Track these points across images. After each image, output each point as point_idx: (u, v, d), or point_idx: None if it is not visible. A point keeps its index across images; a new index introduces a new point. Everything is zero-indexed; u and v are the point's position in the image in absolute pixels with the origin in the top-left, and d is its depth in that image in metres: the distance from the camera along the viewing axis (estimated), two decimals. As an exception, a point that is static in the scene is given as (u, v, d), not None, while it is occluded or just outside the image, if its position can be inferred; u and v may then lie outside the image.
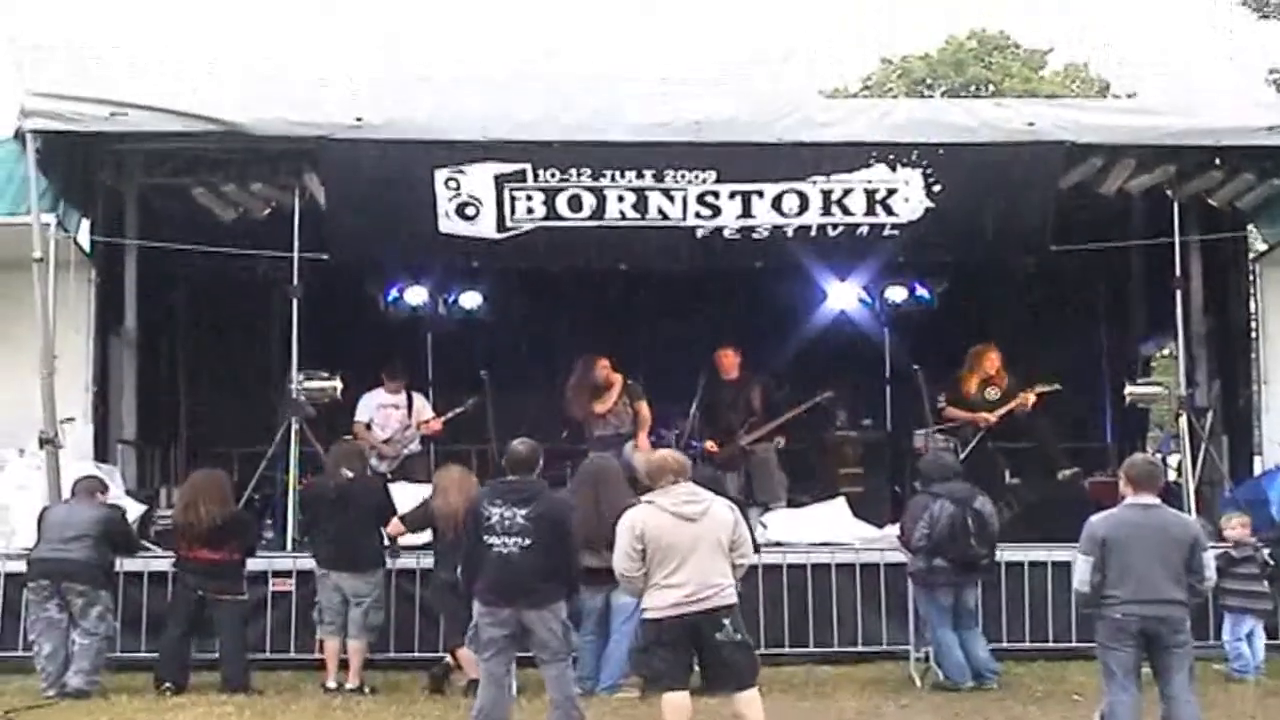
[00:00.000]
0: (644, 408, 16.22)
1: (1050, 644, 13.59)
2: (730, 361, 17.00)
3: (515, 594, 10.09)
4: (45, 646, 12.49)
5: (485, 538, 10.20)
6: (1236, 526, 13.31)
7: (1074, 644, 13.07)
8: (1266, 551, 13.45)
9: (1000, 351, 16.88)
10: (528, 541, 10.11)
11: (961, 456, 15.53)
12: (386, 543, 13.18)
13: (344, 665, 12.77)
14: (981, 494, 12.97)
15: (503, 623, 10.11)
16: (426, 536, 13.02)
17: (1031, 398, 16.43)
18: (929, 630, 12.91)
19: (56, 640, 12.49)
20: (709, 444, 16.59)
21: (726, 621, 9.73)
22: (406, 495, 13.54)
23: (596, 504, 11.95)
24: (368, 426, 16.63)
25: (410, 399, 17.05)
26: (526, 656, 10.60)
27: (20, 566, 12.98)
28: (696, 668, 10.09)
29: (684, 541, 9.74)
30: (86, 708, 11.94)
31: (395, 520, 13.03)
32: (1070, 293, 19.03)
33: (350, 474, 13.17)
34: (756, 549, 11.58)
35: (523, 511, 10.15)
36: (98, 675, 12.52)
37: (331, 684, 12.66)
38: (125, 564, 13.12)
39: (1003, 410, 16.42)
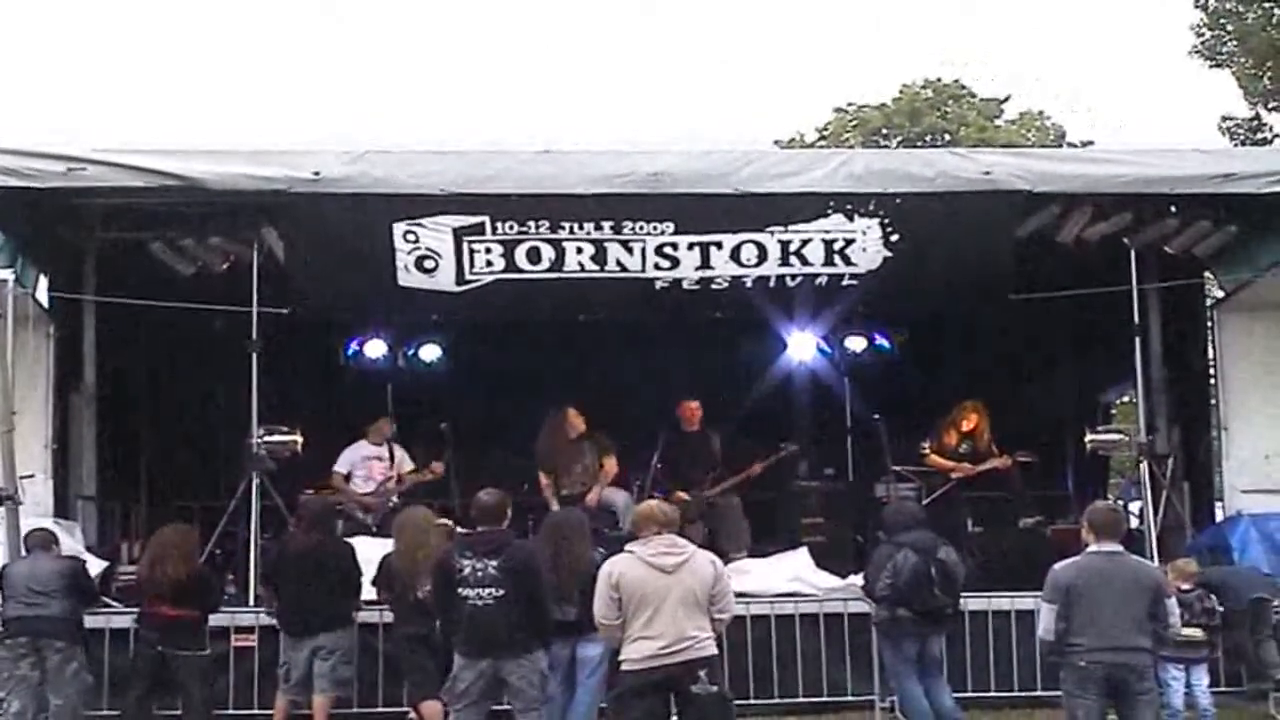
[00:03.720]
0: (611, 463, 16.23)
1: (1015, 692, 13.59)
2: (692, 413, 17.03)
3: (491, 645, 10.09)
4: (14, 704, 12.37)
5: (459, 590, 10.20)
6: (1173, 575, 13.07)
7: (1039, 692, 13.10)
8: (1214, 599, 13.43)
9: (980, 409, 17.12)
10: (500, 592, 10.11)
11: (925, 502, 15.58)
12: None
13: (298, 721, 12.72)
14: (945, 544, 12.95)
15: (480, 674, 10.11)
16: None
17: (1009, 461, 16.55)
18: (893, 680, 12.89)
19: (26, 698, 12.37)
20: (679, 494, 16.58)
21: (703, 674, 9.71)
22: (384, 551, 13.41)
23: (558, 555, 11.91)
24: (346, 479, 16.57)
25: (392, 451, 17.00)
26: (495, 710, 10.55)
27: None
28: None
29: (659, 592, 9.73)
30: (51, 767, 11.83)
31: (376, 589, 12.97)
32: (1030, 341, 19.09)
33: (318, 535, 13.13)
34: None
35: (494, 562, 10.15)
36: None
37: None
38: (86, 621, 13.01)
39: (984, 467, 16.54)
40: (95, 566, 13.95)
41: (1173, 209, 15.14)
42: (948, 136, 45.84)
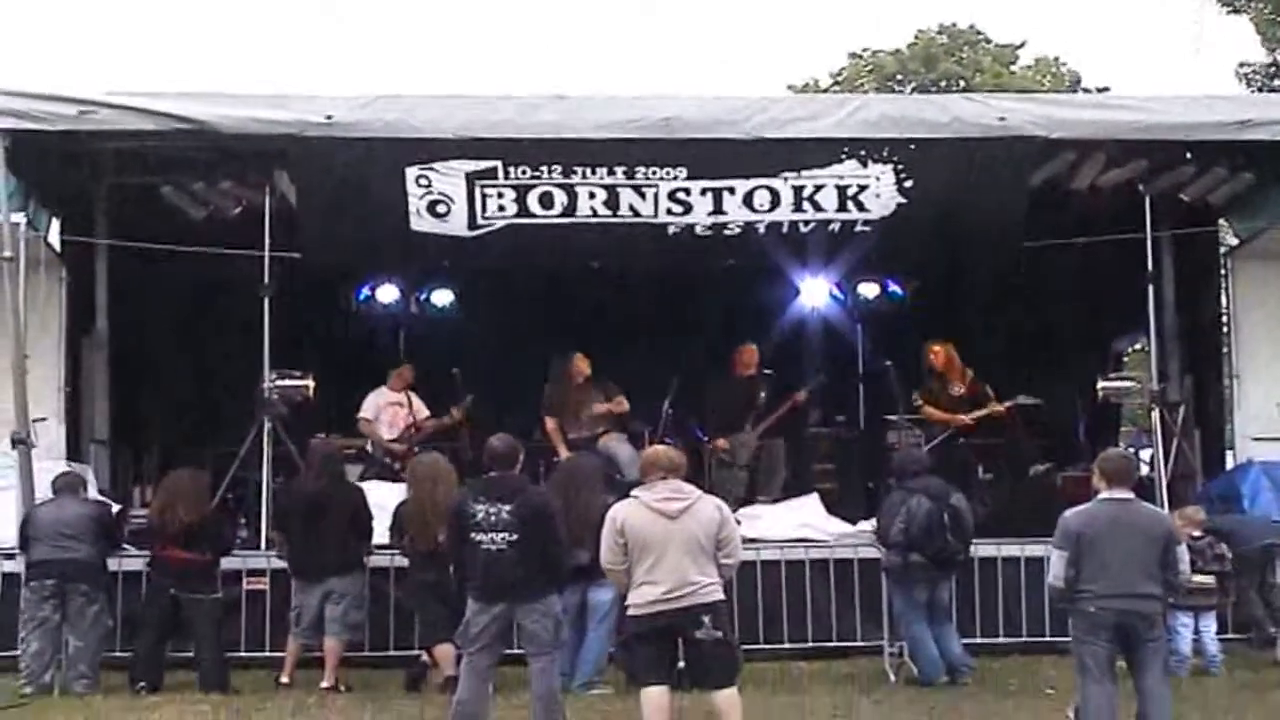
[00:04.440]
0: (621, 407, 16.24)
1: (1024, 639, 13.64)
2: (750, 357, 17.02)
3: (505, 589, 10.05)
4: (33, 645, 12.49)
5: (472, 535, 10.14)
6: (1181, 521, 13.05)
7: (1047, 638, 13.15)
8: (1223, 546, 13.44)
9: (947, 346, 16.99)
10: (514, 537, 10.06)
11: (925, 449, 15.58)
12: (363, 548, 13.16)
13: (307, 664, 12.76)
14: (956, 490, 12.99)
15: (494, 618, 10.07)
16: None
17: (1002, 408, 16.51)
18: (903, 626, 12.93)
19: (45, 640, 12.51)
20: (720, 440, 16.62)
21: (706, 620, 9.68)
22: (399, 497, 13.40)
23: (573, 501, 11.94)
24: (370, 423, 16.65)
25: (410, 398, 17.03)
26: (506, 655, 10.56)
27: (-5, 565, 12.99)
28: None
29: (661, 537, 9.71)
30: (63, 706, 11.91)
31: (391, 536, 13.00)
32: (1042, 288, 19.03)
33: (328, 480, 13.16)
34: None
35: (507, 507, 10.09)
36: (96, 675, 12.57)
37: (285, 680, 12.66)
38: (100, 565, 13.11)
39: (979, 414, 16.46)
40: (108, 510, 14.03)
41: (1188, 156, 15.09)
42: (963, 82, 45.61)
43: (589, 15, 70.90)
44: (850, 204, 14.74)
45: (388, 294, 18.80)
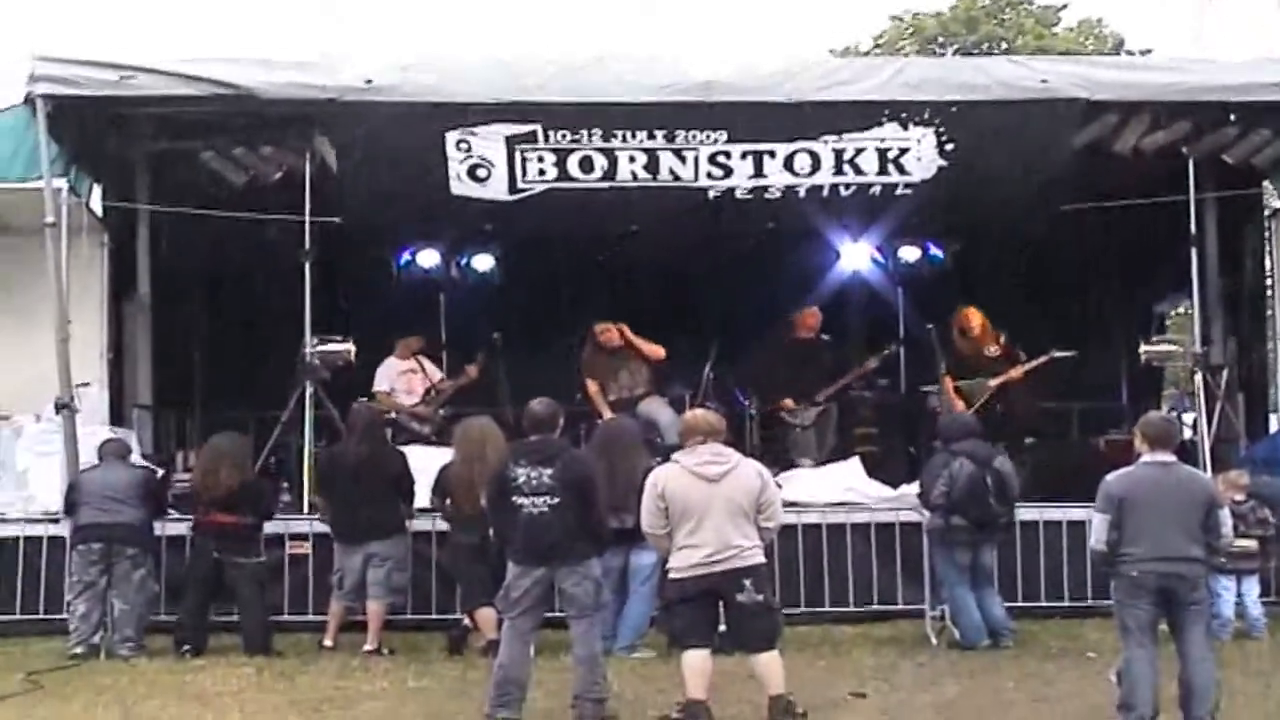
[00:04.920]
0: (657, 351, 16.22)
1: (1065, 602, 13.64)
2: (814, 321, 17.02)
3: (547, 553, 10.02)
4: (80, 608, 12.60)
5: (514, 498, 10.11)
6: (1224, 485, 13.00)
7: (1089, 602, 13.14)
8: (1266, 510, 13.38)
9: (979, 310, 17.14)
10: (555, 500, 10.01)
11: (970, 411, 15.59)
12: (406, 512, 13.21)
13: (349, 627, 12.86)
14: (1001, 453, 12.98)
15: (536, 582, 10.04)
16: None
17: (1035, 363, 16.56)
18: (945, 589, 12.93)
19: (91, 603, 12.60)
20: (787, 400, 16.66)
21: (747, 583, 9.72)
22: (441, 461, 13.45)
23: (614, 465, 11.95)
24: (388, 395, 16.66)
25: (421, 364, 17.06)
26: (547, 618, 10.58)
27: (40, 530, 13.24)
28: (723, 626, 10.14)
29: (702, 501, 9.74)
30: (109, 669, 11.98)
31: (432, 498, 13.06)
32: (1084, 252, 18.95)
33: (370, 444, 13.19)
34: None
35: (548, 471, 10.04)
36: (141, 639, 12.68)
37: (328, 643, 12.75)
38: (145, 529, 13.19)
39: (999, 380, 16.56)
40: (151, 475, 14.11)
41: (1231, 118, 14.95)
42: (1004, 44, 45.39)
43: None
44: (891, 167, 14.71)
45: (428, 259, 18.81)
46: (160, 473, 14.27)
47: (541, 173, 14.61)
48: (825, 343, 17.29)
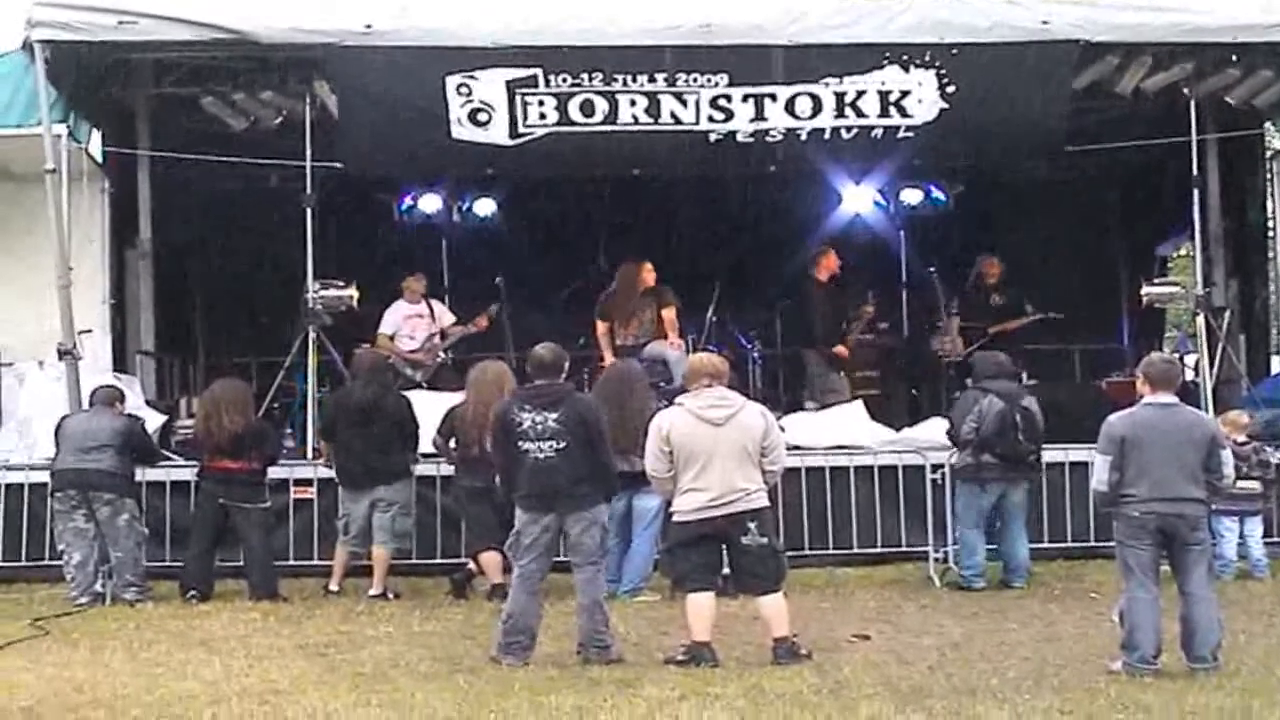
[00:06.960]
0: (670, 314, 16.15)
1: (1068, 543, 13.69)
2: (834, 263, 17.06)
3: (556, 498, 10.00)
4: (75, 556, 12.56)
5: (519, 443, 10.06)
6: (1226, 426, 12.95)
7: (1092, 543, 13.20)
8: (1268, 451, 13.41)
9: (998, 262, 17.31)
10: (562, 444, 9.97)
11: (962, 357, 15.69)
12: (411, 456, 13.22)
13: (355, 572, 12.91)
14: (1029, 393, 12.99)
15: (545, 529, 10.02)
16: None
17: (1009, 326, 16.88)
18: (957, 528, 12.96)
19: (85, 549, 12.57)
20: (841, 348, 16.84)
21: (752, 525, 9.73)
22: (436, 405, 13.49)
23: (620, 408, 11.93)
24: (391, 339, 16.64)
25: (431, 307, 17.05)
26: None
27: (44, 477, 13.04)
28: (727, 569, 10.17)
29: (707, 445, 9.75)
30: (114, 615, 12.00)
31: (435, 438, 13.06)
32: (1086, 193, 18.94)
33: (375, 389, 13.21)
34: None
35: (553, 415, 10.01)
36: (145, 583, 12.69)
37: (334, 587, 12.80)
38: (148, 474, 13.19)
39: (997, 329, 16.79)
40: (154, 421, 14.11)
41: (1233, 59, 14.90)
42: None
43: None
44: (892, 110, 14.64)
45: (430, 204, 18.83)
46: (162, 418, 14.29)
47: (542, 116, 14.54)
48: (842, 286, 17.25)
